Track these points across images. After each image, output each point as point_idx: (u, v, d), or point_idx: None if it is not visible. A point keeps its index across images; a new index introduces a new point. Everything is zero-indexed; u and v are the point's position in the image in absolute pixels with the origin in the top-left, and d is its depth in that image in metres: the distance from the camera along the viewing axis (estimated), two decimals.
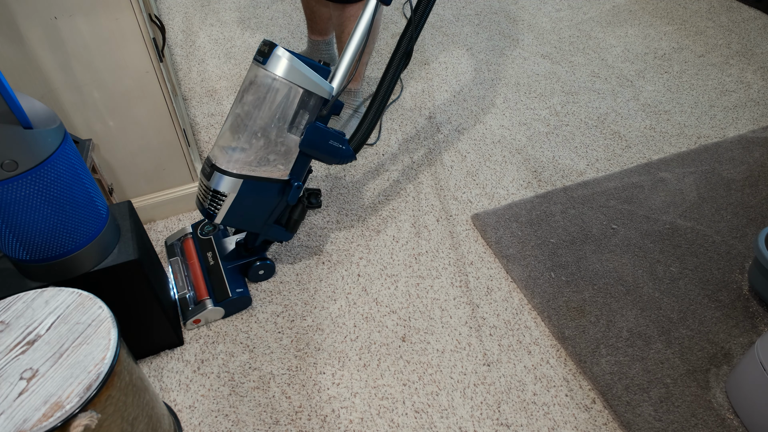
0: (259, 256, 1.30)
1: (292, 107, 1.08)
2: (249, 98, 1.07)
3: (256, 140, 1.08)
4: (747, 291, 1.32)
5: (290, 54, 1.04)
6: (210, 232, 1.32)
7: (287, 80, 1.05)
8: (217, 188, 1.10)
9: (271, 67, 1.04)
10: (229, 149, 1.09)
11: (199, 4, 2.51)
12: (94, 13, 1.09)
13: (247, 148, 1.08)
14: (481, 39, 2.28)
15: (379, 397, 1.12)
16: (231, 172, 1.09)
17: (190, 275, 1.28)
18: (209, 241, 1.32)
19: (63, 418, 0.63)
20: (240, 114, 1.08)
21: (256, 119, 1.07)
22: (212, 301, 1.22)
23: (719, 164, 1.67)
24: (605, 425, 1.08)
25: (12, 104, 0.75)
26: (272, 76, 1.04)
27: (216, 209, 1.12)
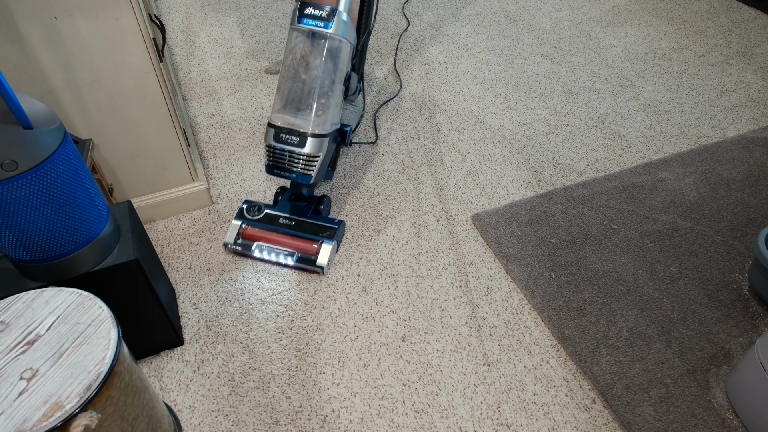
0: (318, 197, 1.44)
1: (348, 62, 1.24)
2: (316, 62, 1.19)
3: (329, 99, 1.22)
4: (747, 291, 1.32)
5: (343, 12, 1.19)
6: (257, 211, 1.40)
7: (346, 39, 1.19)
8: (313, 152, 1.24)
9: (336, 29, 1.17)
10: (308, 113, 1.22)
11: (199, 4, 2.51)
12: (94, 13, 1.09)
13: (326, 108, 1.22)
14: (481, 39, 2.28)
15: (379, 397, 1.12)
16: (322, 134, 1.23)
17: (283, 245, 1.35)
18: (270, 216, 1.40)
19: (63, 418, 0.63)
20: (308, 79, 1.20)
21: (325, 81, 1.20)
22: (325, 241, 1.33)
23: (719, 164, 1.67)
24: (605, 425, 1.08)
25: (12, 104, 0.75)
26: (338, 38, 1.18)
27: (311, 171, 1.27)
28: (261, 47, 2.21)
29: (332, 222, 1.37)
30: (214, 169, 1.66)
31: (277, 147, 1.25)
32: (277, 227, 1.37)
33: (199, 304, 1.29)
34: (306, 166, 1.25)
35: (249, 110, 1.89)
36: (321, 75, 1.20)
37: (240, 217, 1.39)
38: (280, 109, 1.24)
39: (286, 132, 1.23)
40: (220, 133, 1.79)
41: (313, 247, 1.33)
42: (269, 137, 1.25)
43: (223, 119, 1.85)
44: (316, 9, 1.16)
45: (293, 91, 1.21)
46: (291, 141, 1.23)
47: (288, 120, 1.23)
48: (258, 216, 1.39)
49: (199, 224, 1.48)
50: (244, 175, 1.63)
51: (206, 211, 1.52)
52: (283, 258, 1.34)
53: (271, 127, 1.25)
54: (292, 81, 1.21)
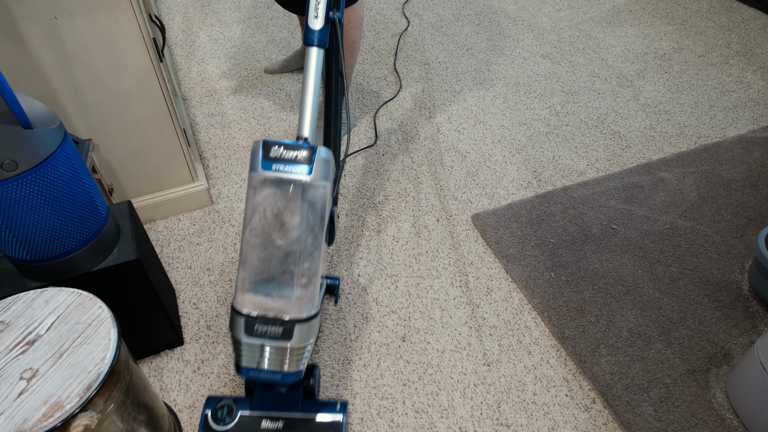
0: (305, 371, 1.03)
1: (329, 206, 0.91)
2: (295, 221, 0.86)
3: (314, 262, 0.89)
4: (747, 291, 1.32)
5: (326, 149, 0.88)
6: (227, 416, 1.00)
7: (327, 181, 0.87)
8: (303, 344, 0.89)
9: (318, 173, 0.85)
10: (290, 289, 0.88)
11: (199, 4, 2.51)
12: (94, 13, 1.09)
13: (312, 275, 0.88)
14: (481, 39, 2.28)
15: (379, 397, 1.12)
16: (312, 315, 0.89)
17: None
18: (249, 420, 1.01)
19: (63, 418, 0.63)
20: (285, 244, 0.87)
21: (308, 240, 0.88)
22: None
23: (719, 164, 1.67)
24: (605, 425, 1.08)
25: (12, 104, 0.75)
26: (321, 183, 0.86)
27: (300, 365, 0.91)
28: (261, 47, 2.21)
29: (334, 409, 1.02)
30: (214, 169, 1.66)
31: (251, 344, 0.88)
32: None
33: (199, 304, 1.29)
34: (294, 361, 0.90)
35: (249, 110, 1.89)
36: (303, 235, 0.87)
37: (206, 431, 0.98)
38: (249, 289, 0.87)
39: (263, 321, 0.87)
40: (220, 133, 1.79)
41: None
42: (238, 330, 0.88)
43: (223, 119, 1.85)
44: (289, 149, 0.85)
45: (266, 261, 0.87)
46: (271, 333, 0.88)
47: (263, 304, 0.87)
48: (230, 423, 0.99)
49: (199, 224, 1.48)
50: (244, 175, 1.63)
51: (206, 211, 1.52)
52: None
53: (238, 315, 0.87)
54: (263, 248, 0.87)
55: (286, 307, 0.87)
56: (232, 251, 1.41)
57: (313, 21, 0.95)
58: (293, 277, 0.87)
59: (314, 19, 0.95)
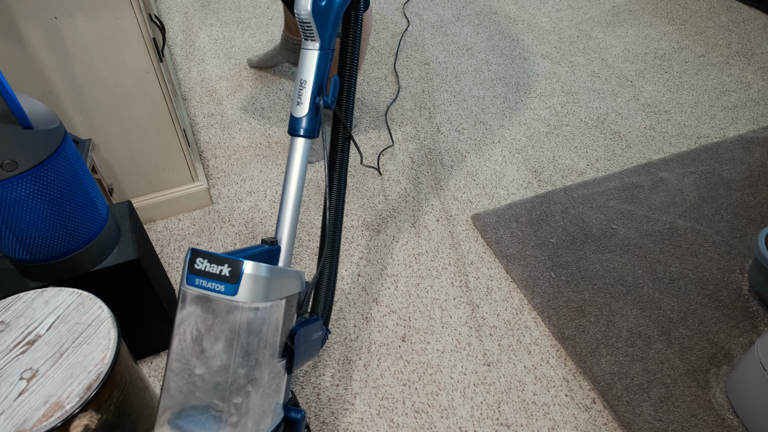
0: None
1: (278, 329, 0.74)
2: (217, 347, 0.69)
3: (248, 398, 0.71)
4: (747, 291, 1.32)
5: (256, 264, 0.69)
6: None
7: (265, 302, 0.71)
8: None
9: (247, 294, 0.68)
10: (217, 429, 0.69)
11: (199, 4, 2.51)
12: (94, 13, 1.09)
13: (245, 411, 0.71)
14: (481, 39, 2.28)
15: (379, 397, 1.12)
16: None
17: None
18: None
19: (63, 418, 0.63)
20: (205, 375, 0.69)
21: (238, 371, 0.70)
22: None
23: (719, 164, 1.67)
24: (605, 425, 1.08)
25: (12, 104, 0.75)
26: (251, 305, 0.69)
27: None
28: (261, 47, 2.21)
29: None
30: (214, 169, 1.66)
31: None
32: None
33: None
34: None
35: (249, 110, 1.89)
36: (230, 364, 0.70)
37: None
38: (165, 423, 0.70)
39: None
40: (220, 133, 1.79)
41: None
42: None
43: (223, 119, 1.85)
44: (213, 262, 0.68)
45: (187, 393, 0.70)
46: None
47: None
48: None
49: (199, 224, 1.48)
50: (244, 175, 1.63)
51: (206, 211, 1.52)
52: None
53: None
54: (182, 377, 0.70)
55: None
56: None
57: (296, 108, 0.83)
58: (221, 413, 0.70)
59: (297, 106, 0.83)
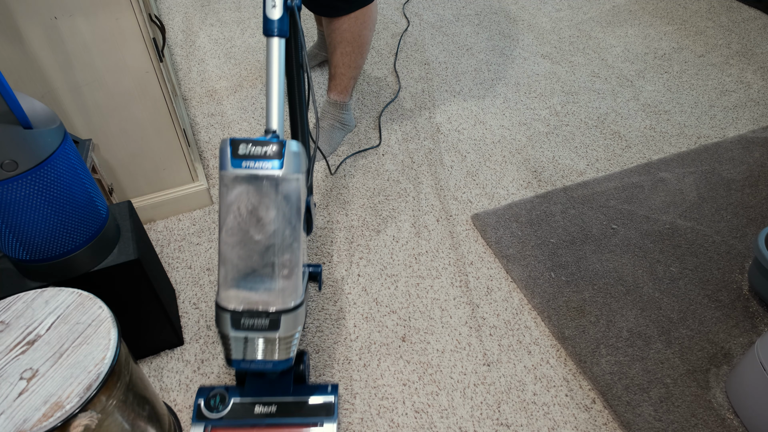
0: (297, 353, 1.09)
1: (304, 197, 0.92)
2: (271, 215, 0.87)
3: (294, 252, 0.90)
4: (747, 291, 1.32)
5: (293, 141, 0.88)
6: (220, 404, 1.02)
7: (299, 173, 0.88)
8: (290, 333, 0.91)
9: (290, 166, 0.85)
10: (273, 281, 0.89)
11: (199, 4, 2.51)
12: (94, 13, 1.09)
13: (293, 265, 0.90)
14: (481, 39, 2.28)
15: (379, 397, 1.12)
16: (297, 304, 0.90)
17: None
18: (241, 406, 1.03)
19: (63, 418, 0.63)
20: (263, 239, 0.88)
21: (286, 232, 0.88)
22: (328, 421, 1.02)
23: (719, 164, 1.67)
24: (605, 425, 1.08)
25: (12, 104, 0.75)
26: (294, 176, 0.87)
27: (290, 353, 0.93)
28: (261, 47, 2.21)
29: (325, 391, 1.04)
30: (214, 169, 1.66)
31: (237, 337, 0.90)
32: (256, 420, 1.01)
33: (199, 304, 1.29)
34: (284, 350, 0.92)
35: (249, 110, 1.89)
36: (280, 228, 0.88)
37: (200, 419, 0.99)
38: (231, 285, 0.88)
39: (250, 315, 0.89)
40: (220, 133, 1.79)
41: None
42: (225, 326, 0.89)
43: (223, 119, 1.85)
44: (258, 146, 0.85)
45: (246, 258, 0.88)
46: (258, 325, 0.89)
47: (248, 298, 0.89)
48: (224, 411, 1.01)
49: (199, 224, 1.48)
50: None
51: (206, 211, 1.52)
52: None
53: (224, 311, 0.88)
54: (242, 246, 0.88)
55: (270, 299, 0.88)
56: None
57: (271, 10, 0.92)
58: (275, 269, 0.88)
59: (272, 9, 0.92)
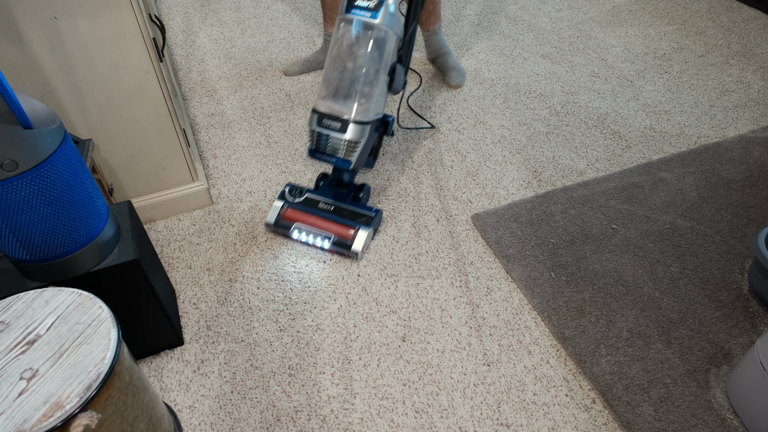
0: (358, 185, 1.49)
1: (394, 54, 1.30)
2: (362, 51, 1.24)
3: (373, 88, 1.28)
4: (747, 291, 1.32)
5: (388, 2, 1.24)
6: (298, 194, 1.46)
7: (392, 30, 1.24)
8: (354, 138, 1.28)
9: (383, 19, 1.23)
10: (352, 101, 1.27)
11: (199, 4, 2.51)
12: (94, 13, 1.09)
13: (369, 97, 1.28)
14: (481, 39, 2.28)
15: (379, 397, 1.12)
16: (363, 122, 1.28)
17: (321, 228, 1.41)
18: (311, 200, 1.45)
19: (63, 418, 0.63)
20: (353, 68, 1.25)
21: (370, 70, 1.25)
22: (362, 228, 1.38)
23: (719, 164, 1.67)
24: (605, 425, 1.08)
25: (12, 104, 0.75)
26: (384, 28, 1.23)
27: (351, 156, 1.32)
28: (261, 47, 2.21)
29: (370, 210, 1.42)
30: (214, 169, 1.66)
31: (319, 132, 1.31)
32: (317, 211, 1.42)
33: (199, 304, 1.29)
34: (347, 151, 1.30)
35: (249, 110, 1.89)
36: (366, 64, 1.24)
37: (282, 199, 1.45)
38: (324, 96, 1.29)
39: (329, 118, 1.28)
40: (220, 133, 1.79)
41: (350, 232, 1.38)
42: (313, 122, 1.31)
43: (223, 119, 1.85)
44: (365, 0, 1.22)
45: (338, 79, 1.27)
46: (333, 127, 1.28)
47: (331, 107, 1.28)
48: (299, 199, 1.45)
49: (199, 224, 1.48)
50: (244, 175, 1.63)
51: (206, 211, 1.52)
52: (320, 241, 1.39)
53: (314, 112, 1.31)
54: (337, 70, 1.26)
55: (347, 111, 1.27)
56: (232, 251, 1.41)
57: None
58: (356, 93, 1.27)
59: None
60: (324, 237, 1.39)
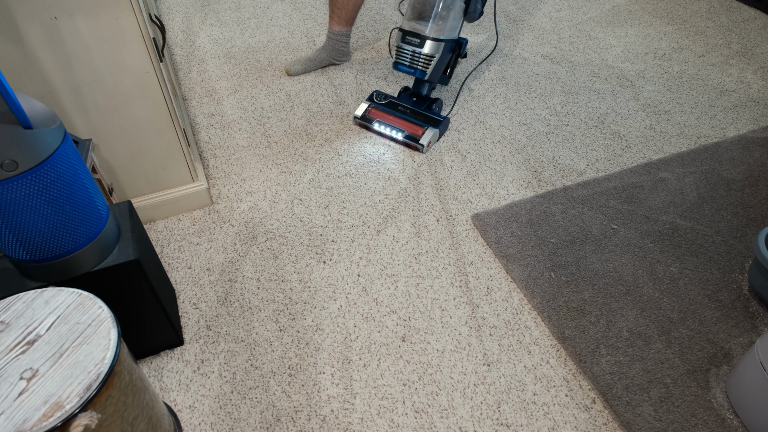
0: (433, 98, 1.79)
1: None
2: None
3: (449, 12, 1.55)
4: (747, 291, 1.32)
5: None
6: (383, 99, 1.76)
7: None
8: (429, 53, 1.58)
9: None
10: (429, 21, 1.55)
11: (199, 4, 2.51)
12: (94, 13, 1.09)
13: (445, 19, 1.55)
14: (481, 39, 2.28)
15: (379, 397, 1.12)
16: (438, 39, 1.57)
17: (396, 125, 1.70)
18: (392, 103, 1.76)
19: (63, 418, 0.63)
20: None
21: None
22: (430, 128, 1.67)
23: (719, 164, 1.67)
24: (605, 425, 1.08)
25: (12, 104, 0.75)
26: None
27: (427, 68, 1.63)
28: (261, 47, 2.21)
29: (439, 116, 1.71)
30: (214, 169, 1.66)
31: (402, 47, 1.61)
32: (395, 112, 1.73)
33: (199, 304, 1.29)
34: (424, 64, 1.60)
35: (249, 110, 1.89)
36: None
37: (369, 100, 1.78)
38: (408, 18, 1.59)
39: (410, 35, 1.59)
40: (220, 133, 1.79)
41: (420, 130, 1.67)
42: (398, 39, 1.61)
43: (223, 119, 1.85)
44: None
45: (420, 2, 1.56)
46: (413, 42, 1.58)
47: (413, 26, 1.58)
48: (383, 102, 1.76)
49: (199, 224, 1.48)
50: (244, 175, 1.63)
51: (206, 211, 1.52)
52: (396, 133, 1.70)
53: (400, 30, 1.61)
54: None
55: (425, 29, 1.58)
56: (232, 251, 1.41)
57: None
58: (433, 15, 1.56)
59: None
60: (398, 131, 1.69)
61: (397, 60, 1.65)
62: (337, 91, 1.98)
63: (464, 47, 1.68)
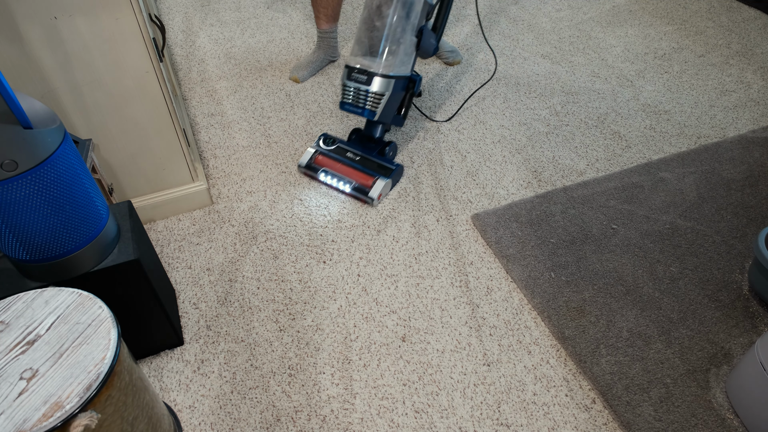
0: (386, 141, 1.62)
1: (421, 17, 1.41)
2: (388, 10, 1.38)
3: (399, 46, 1.41)
4: (747, 291, 1.32)
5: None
6: (331, 143, 1.61)
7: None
8: (377, 90, 1.43)
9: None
10: (377, 56, 1.41)
11: (199, 4, 2.51)
12: (94, 13, 1.09)
13: (395, 54, 1.41)
14: (481, 39, 2.28)
15: (379, 397, 1.12)
16: (388, 75, 1.42)
17: (345, 174, 1.55)
18: (341, 149, 1.60)
19: (63, 418, 0.63)
20: (380, 26, 1.39)
21: (397, 29, 1.39)
22: (381, 177, 1.51)
23: (719, 164, 1.67)
24: (605, 425, 1.08)
25: (12, 104, 0.75)
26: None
27: (376, 108, 1.46)
28: (261, 47, 2.21)
29: (392, 164, 1.55)
30: (214, 169, 1.66)
31: (348, 85, 1.46)
32: (344, 159, 1.57)
33: (199, 304, 1.29)
34: (373, 103, 1.44)
35: (249, 110, 1.89)
36: (393, 23, 1.37)
37: (316, 145, 1.62)
38: (355, 53, 1.45)
39: (358, 72, 1.44)
40: (220, 133, 1.79)
41: (369, 180, 1.51)
42: (343, 76, 1.47)
43: (223, 119, 1.85)
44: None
45: (368, 37, 1.42)
46: (360, 79, 1.44)
47: (360, 61, 1.44)
48: (331, 147, 1.60)
49: (199, 224, 1.48)
50: (244, 175, 1.63)
51: (206, 211, 1.52)
52: (342, 185, 1.54)
53: (346, 67, 1.47)
54: (367, 29, 1.40)
55: (372, 65, 1.42)
56: (232, 251, 1.41)
57: None
58: (381, 49, 1.41)
59: None
60: (346, 182, 1.54)
61: (344, 99, 1.49)
62: (337, 91, 1.98)
63: (418, 85, 1.52)
